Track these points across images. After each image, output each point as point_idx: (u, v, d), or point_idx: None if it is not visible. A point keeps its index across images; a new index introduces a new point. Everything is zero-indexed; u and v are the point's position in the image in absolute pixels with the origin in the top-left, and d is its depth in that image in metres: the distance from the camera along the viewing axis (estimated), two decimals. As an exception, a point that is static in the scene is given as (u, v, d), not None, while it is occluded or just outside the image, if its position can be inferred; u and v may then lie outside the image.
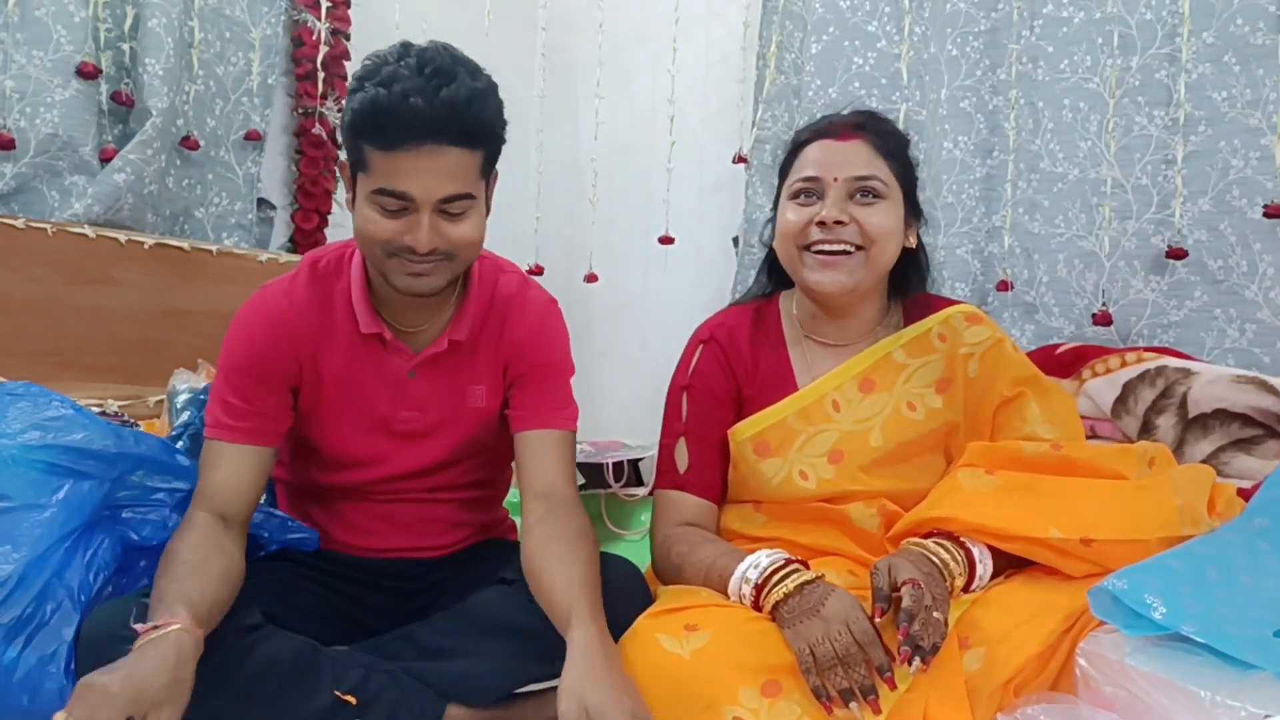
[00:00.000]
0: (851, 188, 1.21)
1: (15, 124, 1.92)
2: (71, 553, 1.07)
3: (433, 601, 1.30)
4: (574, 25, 2.84)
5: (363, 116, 1.06)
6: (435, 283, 1.14)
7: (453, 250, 1.13)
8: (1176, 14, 1.79)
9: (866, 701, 0.93)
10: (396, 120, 1.04)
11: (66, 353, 1.89)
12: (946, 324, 1.28)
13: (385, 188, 1.08)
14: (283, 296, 1.22)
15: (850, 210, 1.20)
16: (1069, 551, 1.05)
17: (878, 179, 1.21)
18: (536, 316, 1.29)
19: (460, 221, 1.12)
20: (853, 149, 1.22)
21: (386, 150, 1.06)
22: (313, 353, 1.22)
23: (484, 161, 1.13)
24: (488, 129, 1.11)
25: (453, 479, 1.31)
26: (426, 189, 1.07)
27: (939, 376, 1.26)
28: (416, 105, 1.03)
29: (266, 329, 1.20)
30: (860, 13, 2.15)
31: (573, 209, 2.82)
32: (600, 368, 2.79)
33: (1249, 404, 1.54)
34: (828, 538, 1.22)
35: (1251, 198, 1.71)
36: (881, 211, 1.21)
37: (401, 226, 1.09)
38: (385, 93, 1.04)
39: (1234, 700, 0.83)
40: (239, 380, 1.18)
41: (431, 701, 1.12)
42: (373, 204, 1.10)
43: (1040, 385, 1.26)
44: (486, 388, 1.28)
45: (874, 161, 1.22)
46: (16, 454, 1.08)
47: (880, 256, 1.22)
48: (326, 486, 1.30)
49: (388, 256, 1.12)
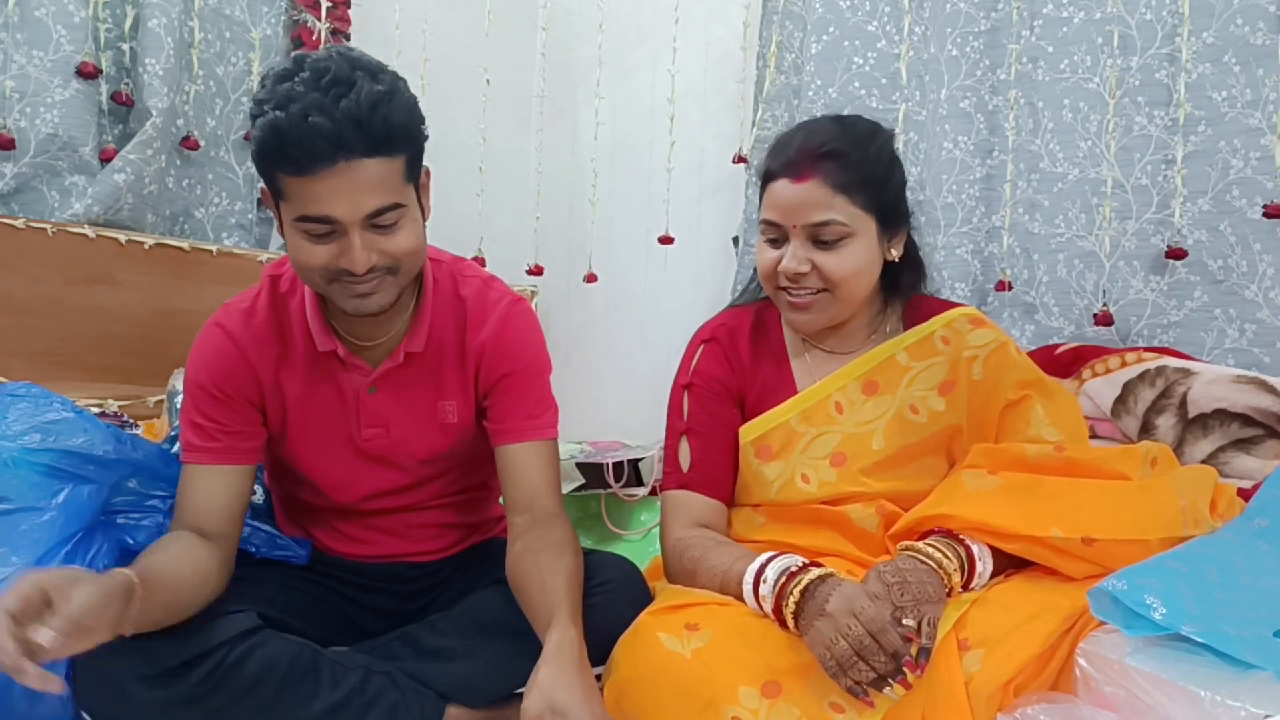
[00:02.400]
0: (812, 234, 1.18)
1: (15, 124, 1.92)
2: (71, 556, 1.08)
3: (431, 602, 1.30)
4: (574, 25, 2.84)
5: (266, 145, 1.00)
6: (383, 299, 1.09)
7: (393, 263, 1.07)
8: (1176, 14, 1.78)
9: (896, 683, 0.93)
10: (301, 143, 0.97)
11: (66, 353, 1.89)
12: (950, 327, 1.27)
13: (306, 214, 1.02)
14: (241, 315, 1.19)
15: (812, 256, 1.18)
16: (1070, 551, 1.05)
17: (835, 222, 1.17)
18: (499, 319, 1.22)
19: (394, 233, 1.06)
20: (808, 191, 1.16)
21: (299, 175, 1.00)
22: (274, 373, 1.18)
23: (406, 166, 1.06)
24: (401, 132, 1.03)
25: (438, 490, 1.30)
26: (350, 208, 1.01)
27: (942, 379, 1.25)
28: (318, 123, 0.96)
29: (227, 350, 1.17)
30: (860, 13, 2.15)
31: (573, 209, 2.81)
32: (600, 368, 2.79)
33: (1249, 404, 1.54)
34: (827, 539, 1.22)
35: (1251, 198, 1.71)
36: (843, 255, 1.18)
37: (334, 250, 1.04)
38: (283, 115, 0.97)
39: (1234, 700, 0.83)
40: (204, 402, 1.15)
41: (430, 702, 1.12)
42: (299, 232, 1.04)
43: (1045, 388, 1.25)
44: (457, 403, 1.23)
45: (831, 202, 1.16)
46: (17, 456, 1.09)
47: (849, 295, 1.21)
48: (312, 503, 1.29)
49: (328, 282, 1.07)
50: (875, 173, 1.20)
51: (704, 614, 1.05)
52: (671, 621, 1.04)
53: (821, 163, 1.17)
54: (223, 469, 1.15)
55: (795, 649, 1.00)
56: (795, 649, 1.00)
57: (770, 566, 1.05)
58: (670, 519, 1.26)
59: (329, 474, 1.24)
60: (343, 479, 1.24)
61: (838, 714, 0.95)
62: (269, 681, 1.05)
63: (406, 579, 1.32)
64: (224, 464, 1.15)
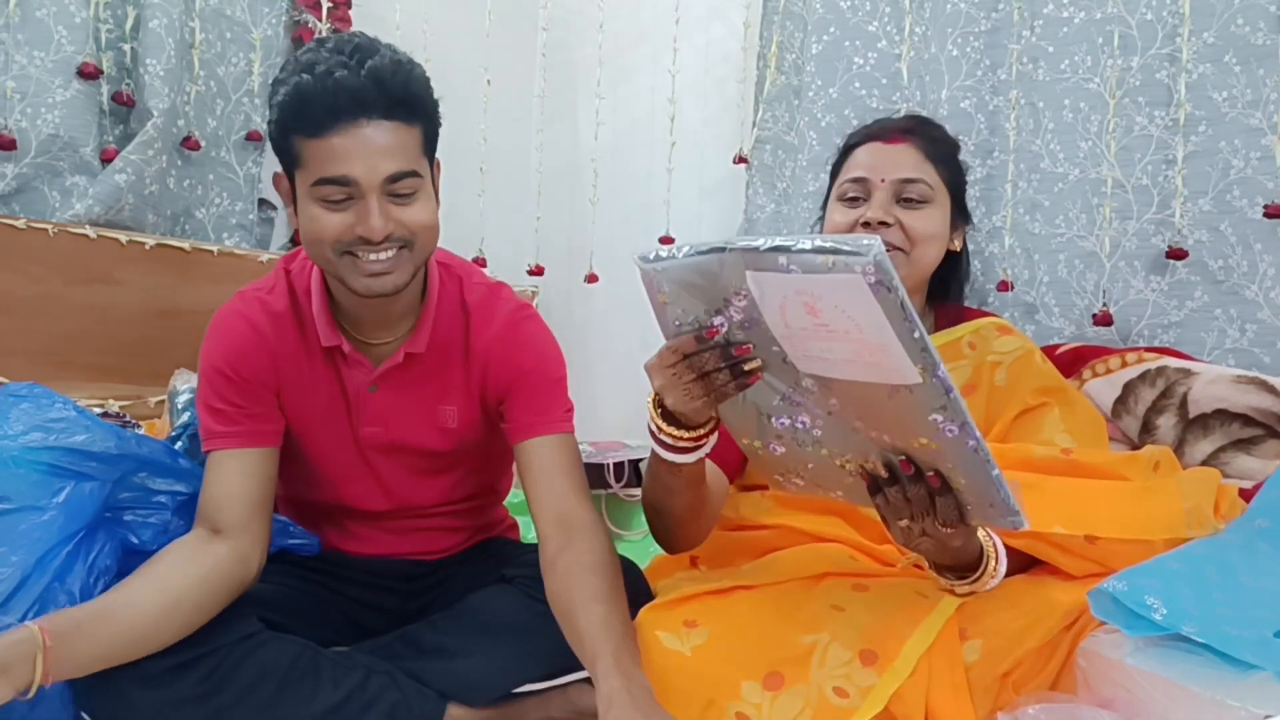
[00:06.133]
0: (897, 190, 1.21)
1: (16, 124, 1.92)
2: (73, 556, 1.07)
3: (432, 601, 1.30)
4: (574, 25, 2.84)
5: (288, 108, 1.00)
6: (397, 279, 1.07)
7: (409, 236, 1.06)
8: (1177, 14, 1.78)
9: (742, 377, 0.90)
10: (323, 100, 0.98)
11: (66, 353, 1.89)
12: (978, 333, 1.28)
13: (324, 176, 1.01)
14: (258, 301, 1.18)
15: (895, 212, 1.21)
16: (1072, 549, 1.05)
17: (924, 182, 1.21)
18: (505, 324, 1.21)
19: (411, 204, 1.05)
20: (900, 152, 1.22)
21: (318, 136, 0.99)
22: (289, 359, 1.18)
23: (423, 140, 1.06)
24: (420, 101, 1.05)
25: (441, 492, 1.29)
26: (369, 168, 1.00)
27: (964, 382, 1.26)
28: (342, 78, 0.97)
29: (244, 333, 1.16)
30: (861, 13, 2.15)
31: (573, 209, 2.81)
32: (600, 368, 2.79)
33: (1249, 404, 1.54)
34: (833, 525, 1.23)
35: (1252, 198, 1.71)
36: (926, 215, 1.21)
37: (350, 218, 1.02)
38: (308, 77, 0.98)
39: (1234, 700, 0.83)
40: (221, 385, 1.14)
41: (431, 701, 1.12)
42: (315, 200, 1.03)
43: (1066, 397, 1.26)
44: (458, 407, 1.22)
45: (921, 165, 1.22)
46: (18, 455, 1.08)
47: (922, 259, 1.22)
48: (316, 500, 1.29)
49: (340, 256, 1.05)
50: (954, 154, 1.28)
51: (701, 609, 1.05)
52: (670, 619, 1.04)
53: (913, 132, 1.25)
54: (245, 453, 1.13)
55: (795, 638, 1.00)
56: (795, 638, 1.00)
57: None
58: None
59: (331, 469, 1.24)
60: (344, 474, 1.24)
61: (841, 699, 0.95)
62: (269, 681, 1.05)
63: (410, 576, 1.32)
64: (247, 447, 1.13)
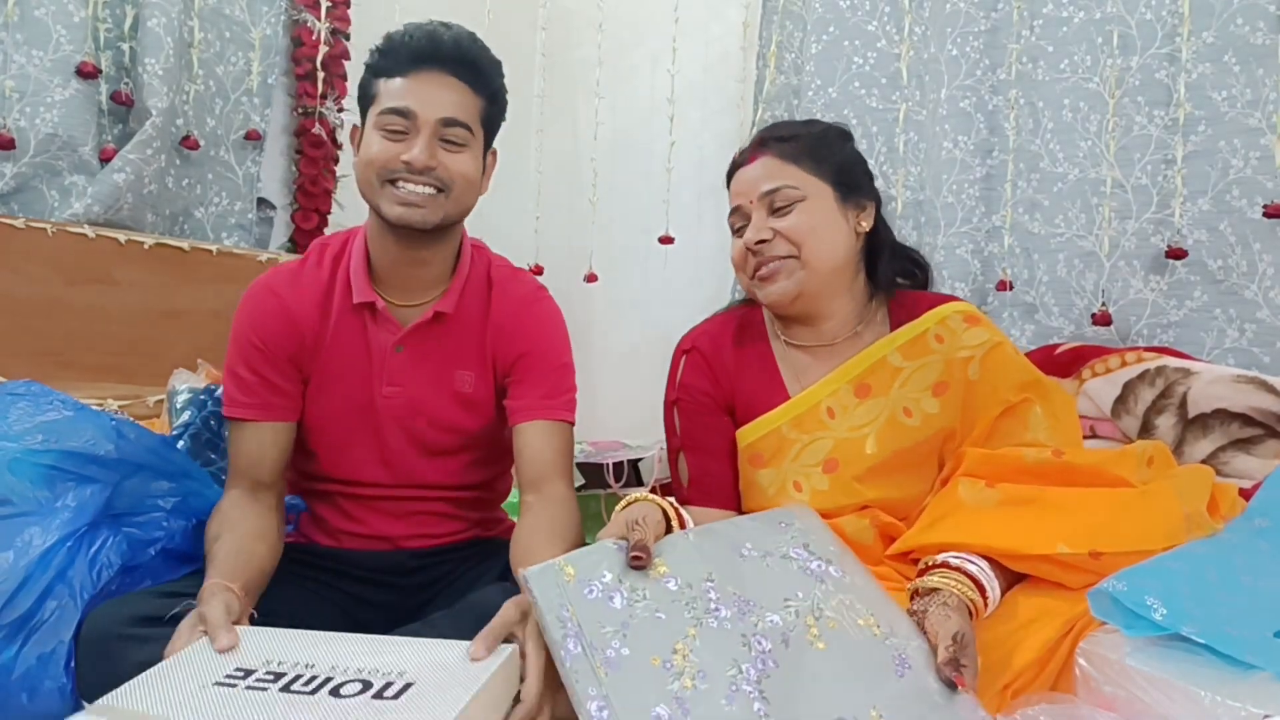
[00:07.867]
0: (768, 204, 1.22)
1: (15, 124, 1.92)
2: (75, 552, 1.07)
3: (431, 599, 1.30)
4: (574, 25, 2.84)
5: (378, 52, 1.19)
6: (427, 215, 1.17)
7: (447, 180, 1.18)
8: (1176, 14, 1.79)
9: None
10: (407, 46, 1.17)
11: (66, 353, 1.89)
12: (944, 325, 1.25)
13: (389, 106, 1.16)
14: (287, 274, 1.27)
15: (770, 225, 1.21)
16: (1076, 565, 1.02)
17: (787, 186, 1.21)
18: (521, 300, 1.30)
19: (458, 153, 1.18)
20: (756, 167, 1.24)
21: (395, 75, 1.17)
22: (313, 323, 1.24)
23: (483, 112, 1.21)
24: (488, 75, 1.21)
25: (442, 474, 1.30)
26: (428, 106, 1.16)
27: (936, 379, 1.24)
28: (431, 30, 1.18)
29: (269, 303, 1.24)
30: (860, 12, 2.15)
31: (573, 209, 2.81)
32: (600, 368, 2.79)
33: (1249, 404, 1.54)
34: None
35: (1251, 198, 1.71)
36: (799, 214, 1.21)
37: (401, 147, 1.16)
38: (401, 31, 1.19)
39: (1234, 700, 0.83)
40: (248, 352, 1.23)
41: (431, 701, 1.11)
42: (377, 128, 1.17)
43: (1043, 389, 1.24)
44: (474, 374, 1.28)
45: (780, 171, 1.22)
46: (18, 458, 1.08)
47: (814, 257, 1.21)
48: (316, 474, 1.30)
49: (382, 184, 1.17)
50: (820, 144, 1.26)
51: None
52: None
53: (767, 144, 1.26)
54: (265, 425, 1.22)
55: None
56: None
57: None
58: None
59: (337, 430, 1.26)
60: (349, 438, 1.26)
61: None
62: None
63: (408, 569, 1.32)
64: (266, 419, 1.22)
